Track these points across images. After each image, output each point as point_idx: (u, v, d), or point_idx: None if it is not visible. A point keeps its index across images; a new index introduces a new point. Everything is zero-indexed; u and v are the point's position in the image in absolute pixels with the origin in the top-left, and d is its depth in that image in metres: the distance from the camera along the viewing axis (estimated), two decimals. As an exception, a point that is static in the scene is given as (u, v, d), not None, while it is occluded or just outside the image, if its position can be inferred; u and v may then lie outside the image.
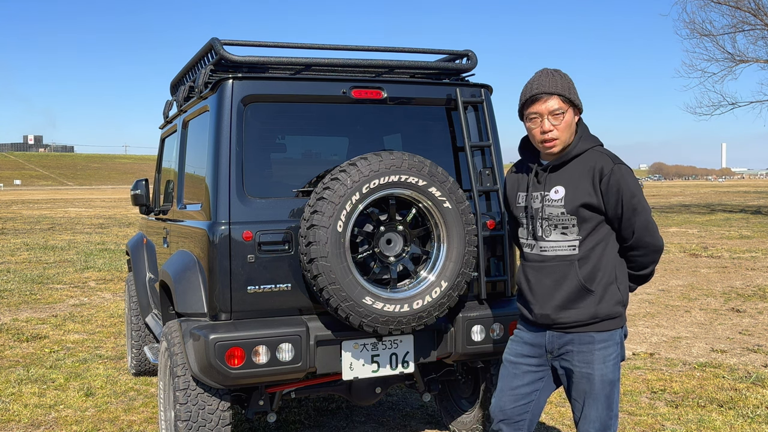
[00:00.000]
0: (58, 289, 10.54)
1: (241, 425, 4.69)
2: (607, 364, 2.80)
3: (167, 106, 5.32)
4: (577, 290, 2.77)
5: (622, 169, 2.75)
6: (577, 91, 2.85)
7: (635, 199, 2.75)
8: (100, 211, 34.46)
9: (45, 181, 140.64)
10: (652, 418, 4.80)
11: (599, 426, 2.82)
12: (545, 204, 2.82)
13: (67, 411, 5.07)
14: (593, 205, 2.75)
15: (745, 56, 28.56)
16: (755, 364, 6.12)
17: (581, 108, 2.86)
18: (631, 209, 2.75)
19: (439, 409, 4.66)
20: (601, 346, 2.79)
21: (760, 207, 31.86)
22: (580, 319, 2.78)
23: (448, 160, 3.91)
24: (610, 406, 2.82)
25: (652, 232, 2.80)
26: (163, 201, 5.28)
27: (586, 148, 2.82)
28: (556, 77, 2.80)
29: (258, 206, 3.47)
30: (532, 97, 2.79)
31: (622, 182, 2.73)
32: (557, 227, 2.79)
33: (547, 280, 2.82)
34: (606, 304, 2.78)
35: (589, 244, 2.78)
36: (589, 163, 2.78)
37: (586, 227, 2.78)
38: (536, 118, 2.80)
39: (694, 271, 11.84)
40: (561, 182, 2.81)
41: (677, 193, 59.51)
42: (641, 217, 2.77)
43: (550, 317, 2.82)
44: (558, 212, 2.79)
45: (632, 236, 2.80)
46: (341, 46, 3.97)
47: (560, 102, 2.77)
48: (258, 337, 3.32)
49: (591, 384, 2.80)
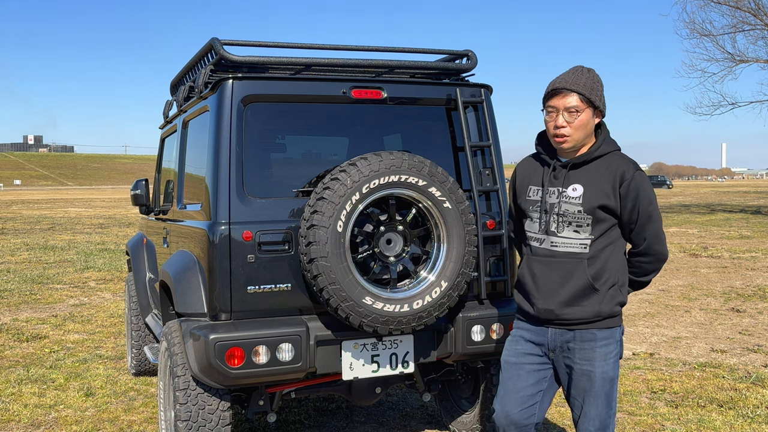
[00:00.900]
0: (58, 289, 10.54)
1: (241, 425, 4.69)
2: (608, 361, 2.83)
3: (167, 106, 5.32)
4: (584, 288, 2.79)
5: (643, 176, 2.80)
6: (604, 95, 2.84)
7: (651, 207, 2.80)
8: (100, 211, 34.45)
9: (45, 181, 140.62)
10: (652, 418, 4.80)
11: (599, 424, 2.84)
12: (562, 200, 2.84)
13: (67, 411, 5.07)
14: (610, 208, 2.78)
15: (745, 56, 28.58)
16: (755, 364, 6.12)
17: (603, 111, 2.87)
18: (647, 216, 2.80)
19: (439, 409, 4.66)
20: (602, 343, 2.82)
21: (760, 207, 31.85)
22: (584, 317, 2.81)
23: (448, 160, 3.91)
24: (610, 404, 2.84)
25: (661, 241, 2.87)
26: (163, 201, 5.28)
27: (608, 150, 2.86)
28: (582, 75, 2.81)
29: (258, 206, 3.47)
30: (554, 90, 2.82)
31: (641, 189, 2.78)
32: (571, 224, 2.81)
33: (555, 276, 2.83)
34: (608, 304, 2.82)
35: (599, 245, 2.81)
36: (611, 166, 2.81)
37: (600, 228, 2.80)
38: (553, 111, 2.83)
39: (694, 271, 11.84)
40: (580, 181, 2.83)
41: (677, 193, 59.49)
42: (654, 226, 2.83)
43: (554, 312, 2.83)
44: (575, 210, 2.81)
45: (643, 242, 2.85)
46: (341, 46, 3.97)
47: (579, 100, 2.78)
48: (258, 337, 3.32)
49: (591, 381, 2.81)
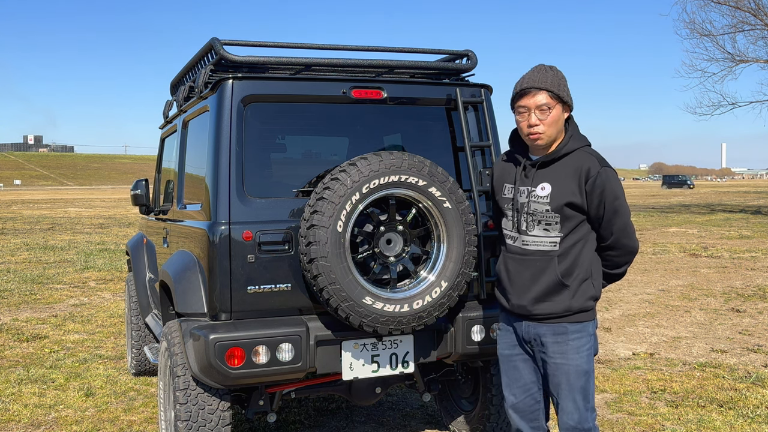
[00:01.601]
0: (58, 289, 10.54)
1: (241, 425, 4.69)
2: (581, 354, 2.88)
3: (167, 106, 5.32)
4: (553, 284, 2.85)
5: (608, 172, 2.83)
6: (569, 90, 2.90)
7: (617, 202, 2.84)
8: (100, 211, 34.45)
9: (45, 181, 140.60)
10: (652, 418, 4.80)
11: (577, 417, 2.88)
12: (531, 200, 2.89)
13: (67, 411, 5.07)
14: (577, 205, 2.83)
15: (745, 56, 28.62)
16: (755, 364, 6.12)
17: (571, 105, 2.92)
18: (612, 211, 2.84)
19: (439, 409, 4.66)
20: (574, 336, 2.88)
21: (760, 207, 31.86)
22: (555, 311, 2.87)
23: (448, 160, 3.91)
24: (587, 397, 2.89)
25: (629, 235, 2.90)
26: (163, 201, 5.28)
27: (576, 147, 2.89)
28: (547, 73, 2.86)
29: (258, 206, 3.47)
30: (522, 90, 2.87)
31: (607, 185, 2.82)
32: (540, 223, 2.87)
33: (527, 273, 2.90)
34: (579, 299, 2.87)
35: (569, 242, 2.86)
36: (576, 163, 2.85)
37: (568, 225, 2.85)
38: (524, 111, 2.87)
39: (694, 271, 11.84)
40: (548, 179, 2.87)
41: (677, 193, 59.47)
42: (621, 220, 2.86)
43: (527, 308, 2.91)
44: (543, 209, 2.86)
45: (611, 237, 2.89)
46: (341, 46, 3.97)
47: (548, 97, 2.83)
48: (258, 337, 3.32)
49: (566, 375, 2.87)
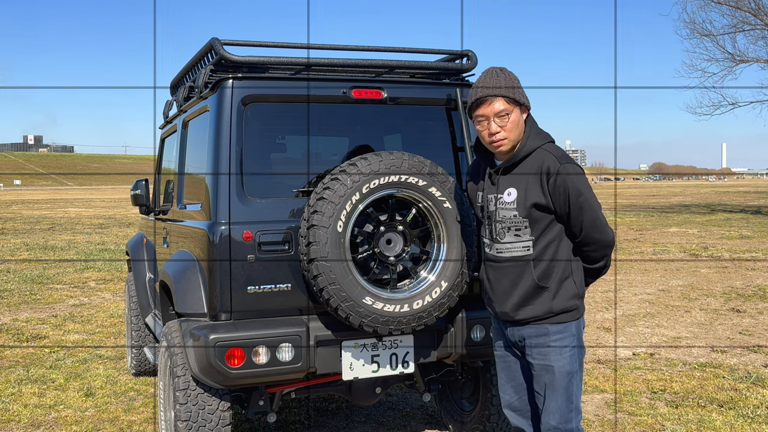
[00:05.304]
0: (58, 289, 10.54)
1: (241, 425, 4.69)
2: (564, 355, 2.87)
3: (167, 106, 5.32)
4: (532, 289, 2.84)
5: (568, 168, 2.78)
6: (523, 89, 2.86)
7: (582, 198, 2.79)
8: (100, 211, 34.44)
9: (45, 181, 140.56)
10: (652, 418, 4.80)
11: (559, 418, 2.87)
12: (499, 207, 2.87)
13: (67, 411, 5.07)
14: (543, 205, 2.80)
15: (745, 56, 28.57)
16: (755, 364, 6.12)
17: (528, 105, 2.89)
18: (578, 207, 2.80)
19: (439, 409, 4.66)
20: (556, 337, 2.86)
21: (760, 207, 31.85)
22: (537, 315, 2.86)
23: (448, 160, 3.91)
24: (570, 398, 2.88)
25: (599, 229, 2.85)
26: (163, 201, 5.28)
27: (535, 147, 2.85)
28: (500, 77, 2.82)
29: (258, 206, 3.47)
30: (478, 100, 2.82)
31: (569, 181, 2.77)
32: (510, 230, 2.85)
33: (505, 280, 2.90)
34: (561, 299, 2.85)
35: (542, 243, 2.84)
36: (537, 163, 2.82)
37: (539, 227, 2.83)
38: (483, 120, 2.84)
39: (694, 271, 11.83)
40: (513, 184, 2.85)
41: (677, 193, 59.49)
42: (588, 215, 2.81)
43: (509, 315, 2.91)
44: (511, 215, 2.84)
45: (581, 233, 2.86)
46: (341, 46, 3.97)
47: (505, 103, 2.80)
48: (258, 338, 3.32)
49: (550, 375, 2.87)
